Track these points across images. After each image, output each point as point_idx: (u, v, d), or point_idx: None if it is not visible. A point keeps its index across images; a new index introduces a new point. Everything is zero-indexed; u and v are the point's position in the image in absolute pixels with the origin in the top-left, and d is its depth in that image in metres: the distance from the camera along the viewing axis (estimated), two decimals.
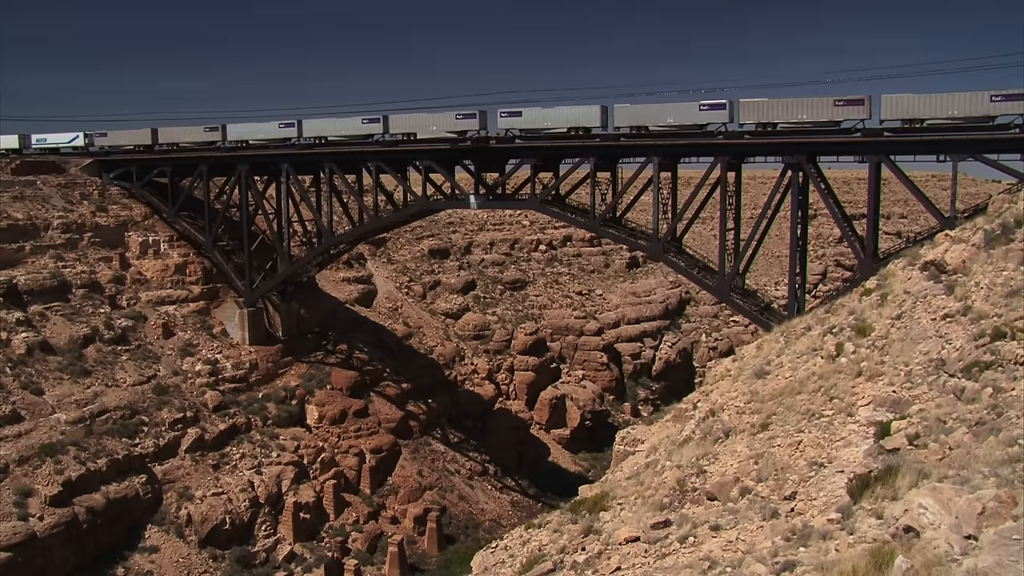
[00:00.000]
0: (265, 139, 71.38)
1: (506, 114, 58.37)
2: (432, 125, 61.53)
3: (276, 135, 70.44)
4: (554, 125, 57.12)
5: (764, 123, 50.61)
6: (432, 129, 61.55)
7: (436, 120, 61.42)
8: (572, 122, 56.54)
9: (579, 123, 56.34)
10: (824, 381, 15.66)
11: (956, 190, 49.69)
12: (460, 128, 59.88)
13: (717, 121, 52.42)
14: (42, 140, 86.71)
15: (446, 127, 60.57)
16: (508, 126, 58.65)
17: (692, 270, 56.38)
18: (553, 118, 57.28)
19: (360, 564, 62.32)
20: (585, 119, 56.25)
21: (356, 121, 65.71)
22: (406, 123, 63.61)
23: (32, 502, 50.37)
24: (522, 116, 57.96)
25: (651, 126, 54.40)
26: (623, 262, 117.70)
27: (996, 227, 16.61)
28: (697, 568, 10.57)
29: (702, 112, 52.33)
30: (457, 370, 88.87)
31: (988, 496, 7.37)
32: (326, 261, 77.74)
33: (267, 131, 71.21)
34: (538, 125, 57.62)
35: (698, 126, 53.16)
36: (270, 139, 71.04)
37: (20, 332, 61.23)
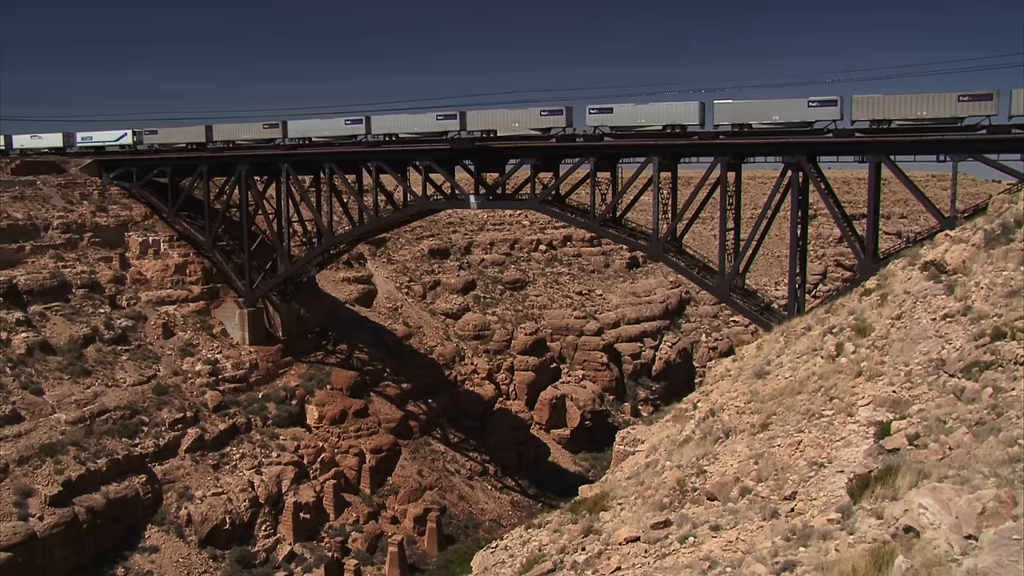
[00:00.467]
0: (331, 136, 68.11)
1: (595, 110, 55.73)
2: (514, 122, 58.81)
3: (343, 132, 67.15)
4: (648, 122, 54.39)
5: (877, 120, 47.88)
6: (514, 126, 58.90)
7: (519, 117, 58.66)
8: (668, 119, 53.79)
9: (676, 120, 53.55)
10: (824, 381, 15.66)
11: (956, 190, 49.63)
12: (544, 125, 57.53)
13: (826, 118, 49.41)
14: (87, 138, 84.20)
15: (529, 124, 58.11)
16: (597, 123, 55.91)
17: (692, 270, 56.37)
18: (648, 115, 54.53)
19: (360, 564, 62.33)
20: (682, 116, 53.45)
21: (431, 118, 62.65)
22: (486, 120, 60.38)
23: (32, 502, 50.37)
24: (613, 113, 55.35)
25: (755, 124, 51.44)
26: (623, 262, 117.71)
27: (996, 227, 16.61)
28: (697, 568, 10.57)
29: (811, 109, 49.50)
30: (457, 370, 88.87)
31: (988, 496, 7.37)
32: (326, 261, 77.73)
33: (332, 128, 67.94)
34: (630, 123, 54.87)
35: (806, 123, 50.37)
36: (336, 136, 67.72)
37: (20, 332, 61.24)
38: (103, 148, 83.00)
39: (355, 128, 65.70)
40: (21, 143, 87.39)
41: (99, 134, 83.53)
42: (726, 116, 52.15)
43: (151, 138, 79.14)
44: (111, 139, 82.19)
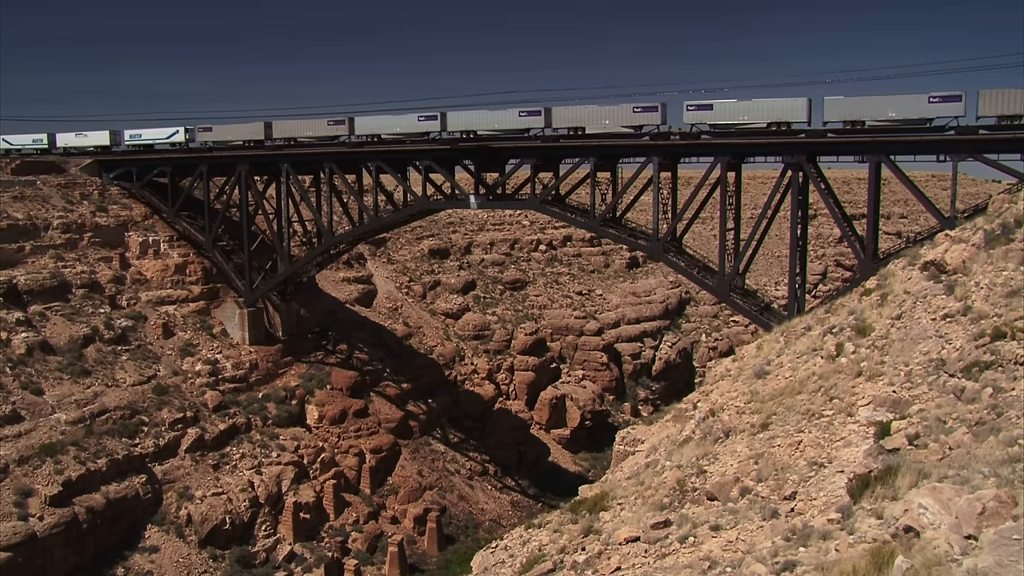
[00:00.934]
0: (401, 133, 64.46)
1: (694, 107, 52.88)
2: (604, 119, 55.94)
3: (414, 129, 63.35)
4: (751, 120, 51.55)
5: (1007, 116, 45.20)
6: (604, 123, 56.01)
7: (609, 113, 55.77)
8: (774, 116, 50.95)
9: (781, 117, 50.76)
10: (824, 381, 15.66)
11: (956, 190, 49.61)
12: (637, 122, 54.67)
13: (948, 115, 46.26)
14: (136, 136, 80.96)
15: (621, 121, 55.21)
16: (695, 120, 53.08)
17: (692, 270, 56.35)
18: (751, 112, 51.55)
19: (360, 564, 62.33)
20: (789, 113, 50.56)
21: (513, 114, 59.26)
22: (573, 116, 57.41)
23: (32, 502, 50.38)
24: (713, 110, 52.50)
25: (868, 121, 48.38)
26: (623, 262, 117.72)
27: (996, 227, 16.61)
28: (697, 568, 10.57)
29: (932, 105, 46.24)
30: (457, 370, 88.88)
31: (988, 496, 7.37)
32: (326, 261, 77.75)
33: (404, 124, 64.05)
34: (732, 120, 52.08)
35: (924, 120, 47.22)
36: (407, 133, 64.09)
37: (20, 332, 61.25)
38: (152, 146, 79.96)
39: (429, 125, 62.18)
40: (65, 141, 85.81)
41: (149, 131, 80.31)
42: (837, 113, 49.18)
43: (205, 136, 76.01)
44: (161, 137, 78.87)
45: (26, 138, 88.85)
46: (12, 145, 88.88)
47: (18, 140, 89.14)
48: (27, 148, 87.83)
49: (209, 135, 75.73)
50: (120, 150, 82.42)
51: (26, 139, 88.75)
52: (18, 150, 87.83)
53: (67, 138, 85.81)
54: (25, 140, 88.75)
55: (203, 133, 76.01)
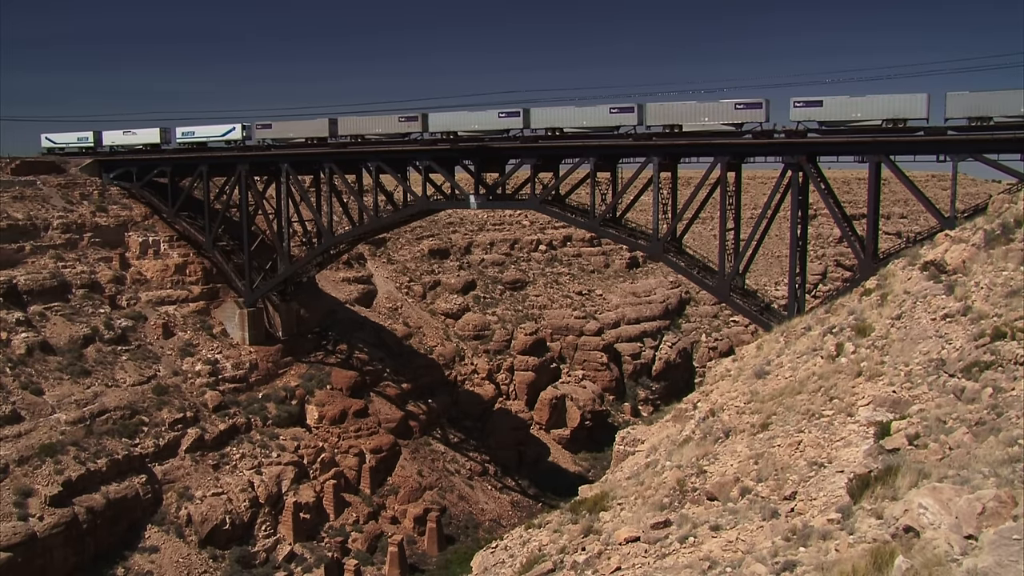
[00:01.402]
0: (480, 130, 61.48)
1: (802, 104, 50.37)
2: (704, 116, 53.58)
3: (495, 126, 60.51)
4: (865, 116, 48.89)
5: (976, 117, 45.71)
6: (704, 120, 53.62)
7: (708, 110, 53.41)
8: (890, 113, 48.21)
9: (898, 114, 47.94)
10: (824, 381, 15.66)
11: (956, 190, 49.59)
12: (739, 120, 52.30)
13: None
14: (189, 134, 77.21)
15: (722, 118, 52.84)
16: (803, 118, 50.63)
17: (692, 270, 56.37)
18: (864, 108, 48.85)
19: (360, 564, 62.34)
20: (907, 109, 47.66)
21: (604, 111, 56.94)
22: (670, 113, 54.88)
23: (32, 502, 50.39)
24: (823, 107, 50.00)
25: (996, 117, 45.26)
26: (623, 262, 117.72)
27: (996, 227, 16.62)
28: (697, 568, 10.57)
29: None
30: (457, 370, 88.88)
31: (988, 496, 7.37)
32: (326, 261, 77.76)
33: (483, 121, 60.94)
34: (844, 117, 49.52)
35: None
36: (487, 130, 61.17)
37: (20, 332, 61.25)
38: (205, 144, 76.27)
39: (511, 122, 59.47)
40: (113, 140, 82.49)
41: (203, 128, 76.65)
42: (961, 109, 46.09)
43: (264, 133, 72.43)
44: (217, 134, 75.15)
45: (70, 136, 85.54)
46: (55, 144, 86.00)
47: (62, 139, 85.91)
48: (71, 147, 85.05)
49: (268, 132, 72.19)
50: (171, 148, 78.94)
51: (70, 137, 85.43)
52: (61, 149, 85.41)
53: (114, 136, 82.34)
54: (69, 139, 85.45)
55: (262, 130, 72.55)
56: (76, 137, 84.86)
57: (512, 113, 59.66)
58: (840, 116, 49.77)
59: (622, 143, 56.27)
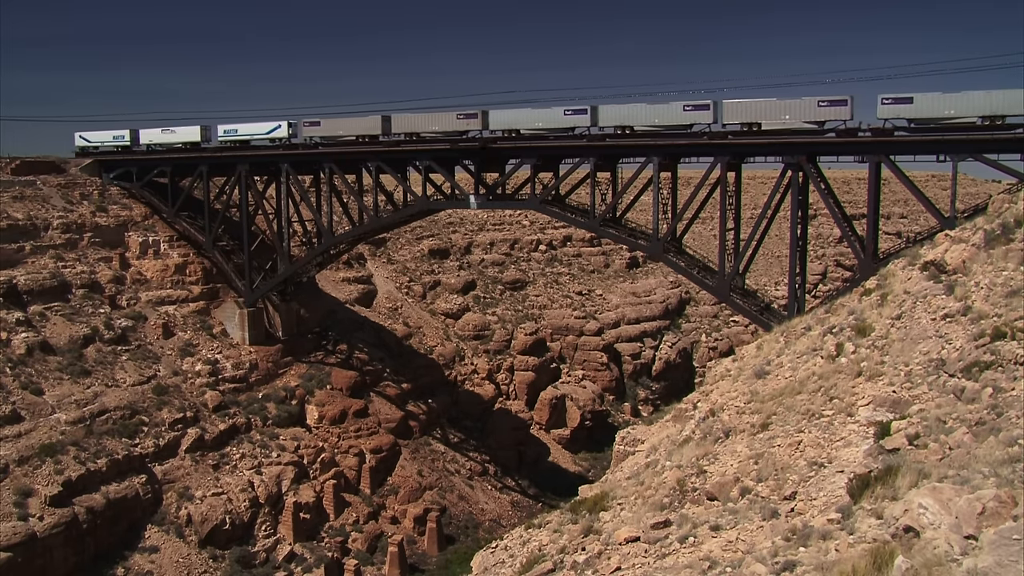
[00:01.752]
0: (545, 128, 58.96)
1: (890, 100, 48.21)
2: (784, 114, 51.67)
3: (560, 123, 57.99)
4: (960, 114, 46.71)
5: None
6: (784, 118, 51.56)
7: (789, 107, 51.46)
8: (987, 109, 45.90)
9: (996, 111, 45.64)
10: (824, 381, 15.66)
11: (956, 190, 49.59)
12: (821, 118, 50.43)
13: None
14: (231, 131, 74.47)
15: (804, 116, 50.92)
16: (892, 115, 48.47)
17: (692, 270, 56.38)
18: (959, 105, 46.68)
19: (360, 564, 62.34)
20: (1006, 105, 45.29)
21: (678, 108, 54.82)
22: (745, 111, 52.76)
23: (32, 502, 50.40)
24: (913, 103, 47.61)
25: None
26: (623, 262, 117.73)
27: (996, 227, 16.62)
28: (697, 568, 10.57)
29: None
30: (457, 370, 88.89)
31: (988, 496, 7.37)
32: (326, 261, 77.77)
33: (548, 119, 58.67)
34: (936, 114, 47.40)
35: None
36: (552, 128, 58.70)
37: (20, 332, 61.25)
38: (248, 143, 73.84)
39: (578, 119, 56.85)
40: (150, 138, 79.86)
41: (246, 126, 74.09)
42: None
43: (311, 131, 69.58)
44: (261, 132, 72.68)
45: (106, 135, 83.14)
46: (90, 143, 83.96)
47: (97, 137, 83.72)
48: (107, 145, 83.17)
49: (316, 130, 69.42)
50: (212, 147, 76.54)
51: (105, 136, 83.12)
52: (95, 147, 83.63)
53: (152, 134, 79.75)
54: (104, 137, 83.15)
55: (310, 128, 69.67)
56: (112, 136, 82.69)
57: (579, 110, 57.02)
58: (932, 113, 47.79)
59: (695, 142, 54.02)
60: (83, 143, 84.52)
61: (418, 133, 64.26)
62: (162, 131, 79.06)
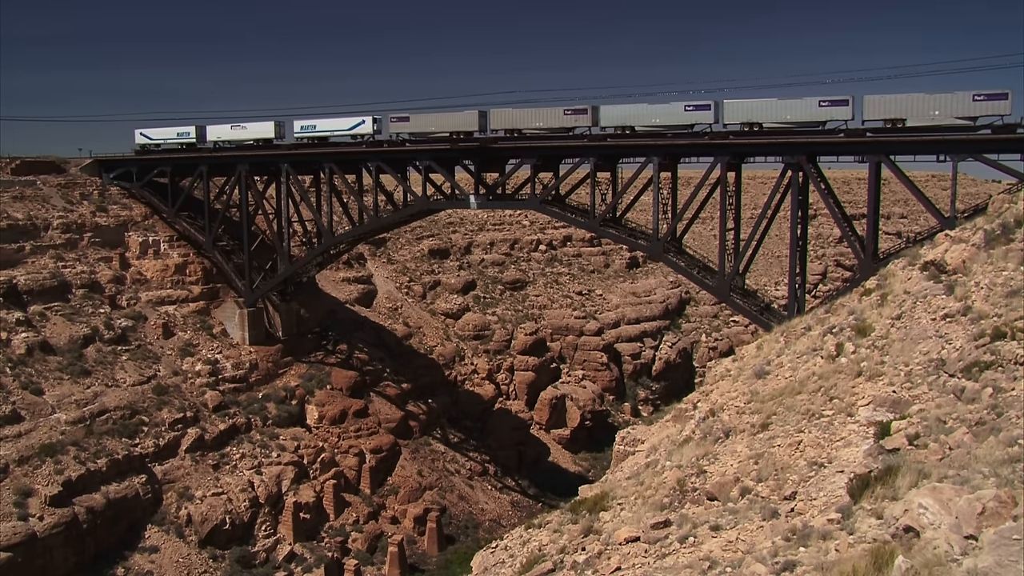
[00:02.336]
0: (663, 124, 55.25)
1: None
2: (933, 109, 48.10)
3: (681, 120, 54.30)
4: None
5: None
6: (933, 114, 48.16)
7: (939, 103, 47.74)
8: None
9: None
10: (824, 381, 15.66)
11: (956, 190, 49.57)
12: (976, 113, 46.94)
13: None
14: (309, 127, 70.17)
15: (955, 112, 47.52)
16: None
17: (692, 270, 56.37)
18: None
19: (360, 564, 62.34)
20: None
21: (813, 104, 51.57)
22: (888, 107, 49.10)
23: (32, 502, 50.40)
24: None
25: None
26: (623, 262, 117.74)
27: (996, 227, 16.62)
28: (697, 568, 10.57)
29: None
30: (457, 370, 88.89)
31: (988, 496, 7.37)
32: (326, 261, 77.78)
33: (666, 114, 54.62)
34: None
35: None
36: (670, 125, 55.05)
37: (20, 332, 61.25)
38: (327, 139, 69.55)
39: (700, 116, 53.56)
40: (218, 135, 75.90)
41: (326, 121, 69.53)
42: None
43: (399, 126, 64.84)
44: (343, 127, 68.17)
45: (169, 132, 79.02)
46: (151, 139, 79.89)
47: (159, 134, 79.47)
48: (170, 143, 78.98)
49: (405, 126, 64.75)
50: (286, 143, 72.62)
51: (169, 133, 78.99)
52: (157, 145, 79.68)
53: (220, 131, 75.69)
54: (168, 134, 78.95)
55: (397, 123, 64.93)
56: (176, 132, 78.50)
57: (701, 106, 53.61)
58: None
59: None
60: (144, 140, 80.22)
61: (519, 130, 60.07)
62: (232, 127, 74.94)
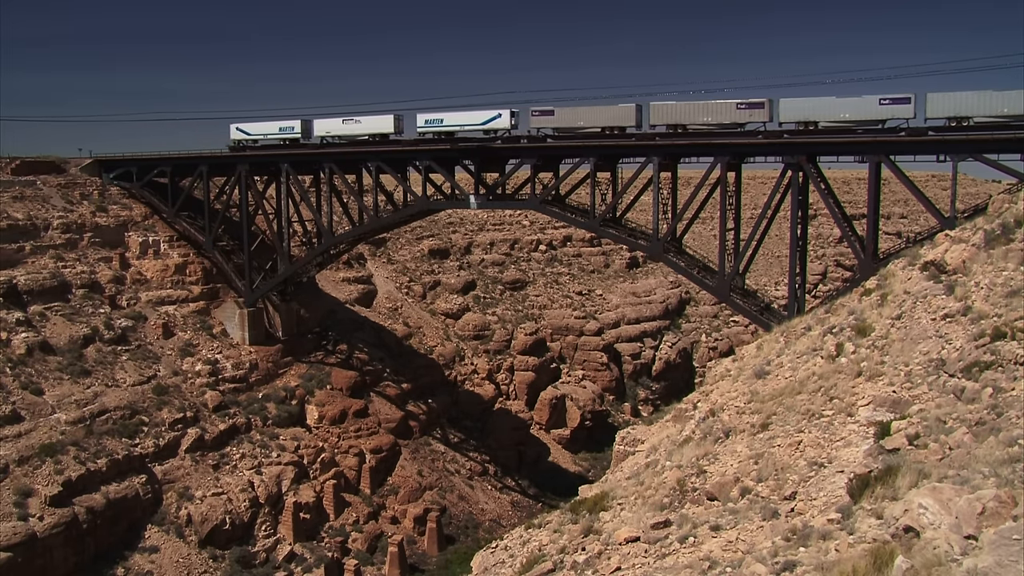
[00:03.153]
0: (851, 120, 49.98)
1: None
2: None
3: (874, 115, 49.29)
4: None
5: None
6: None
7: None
8: None
9: None
10: (824, 381, 15.66)
11: (956, 190, 49.56)
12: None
13: None
14: (434, 122, 63.33)
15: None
16: None
17: (692, 270, 56.38)
18: None
19: (360, 564, 62.33)
20: None
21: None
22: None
23: (32, 502, 50.39)
24: None
25: None
26: (623, 262, 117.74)
27: (996, 227, 16.62)
28: (697, 568, 10.57)
29: None
30: (457, 370, 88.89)
31: (988, 496, 7.37)
32: (326, 261, 77.77)
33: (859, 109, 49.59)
34: None
35: None
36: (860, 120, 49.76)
37: (20, 332, 61.24)
38: (453, 135, 63.39)
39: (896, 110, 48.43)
40: (326, 129, 69.70)
41: (455, 115, 63.06)
42: None
43: (542, 121, 58.88)
44: (475, 122, 61.64)
45: (269, 126, 72.40)
46: (249, 135, 73.17)
47: (258, 129, 72.96)
48: (271, 138, 72.18)
49: (548, 120, 58.60)
50: (408, 139, 66.44)
51: (269, 128, 72.32)
52: (254, 141, 73.20)
53: (330, 125, 69.20)
54: (268, 129, 72.36)
55: (539, 117, 58.93)
56: (278, 127, 71.73)
57: (900, 99, 48.29)
58: None
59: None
60: (240, 136, 73.59)
61: (684, 125, 55.03)
62: (343, 121, 68.10)
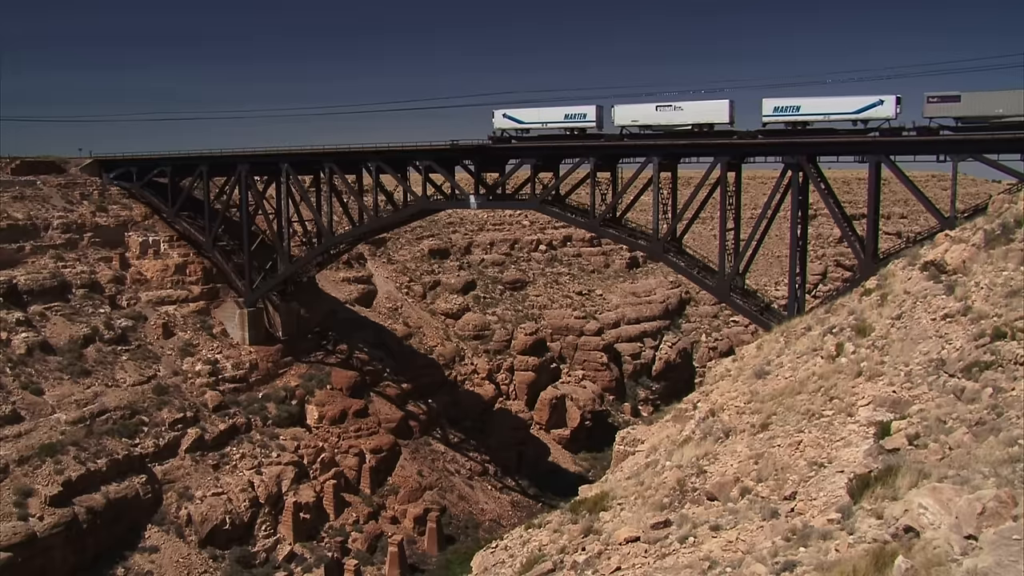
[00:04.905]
0: None
1: None
2: None
3: None
4: None
5: None
6: None
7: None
8: None
9: None
10: (824, 381, 15.66)
11: (956, 190, 49.53)
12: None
13: None
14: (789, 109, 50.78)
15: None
16: None
17: (692, 270, 56.38)
18: None
19: (360, 564, 62.32)
20: None
21: None
22: None
23: (32, 502, 50.36)
24: None
25: None
26: (623, 262, 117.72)
27: (996, 227, 16.61)
28: (697, 568, 10.57)
29: None
30: (457, 370, 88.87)
31: (988, 496, 7.37)
32: (326, 261, 77.76)
33: None
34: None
35: None
36: None
37: (20, 332, 61.23)
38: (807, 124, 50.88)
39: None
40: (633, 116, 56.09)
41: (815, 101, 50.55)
42: None
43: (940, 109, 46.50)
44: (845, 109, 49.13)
45: (553, 112, 59.25)
46: (521, 123, 60.04)
47: (534, 116, 59.76)
48: (551, 127, 59.41)
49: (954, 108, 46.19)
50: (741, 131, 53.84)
51: (553, 114, 59.20)
52: (526, 131, 60.34)
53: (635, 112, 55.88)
54: (551, 115, 59.24)
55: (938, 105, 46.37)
56: (563, 114, 58.69)
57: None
58: None
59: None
60: (507, 123, 60.34)
61: None
62: (657, 108, 55.34)
